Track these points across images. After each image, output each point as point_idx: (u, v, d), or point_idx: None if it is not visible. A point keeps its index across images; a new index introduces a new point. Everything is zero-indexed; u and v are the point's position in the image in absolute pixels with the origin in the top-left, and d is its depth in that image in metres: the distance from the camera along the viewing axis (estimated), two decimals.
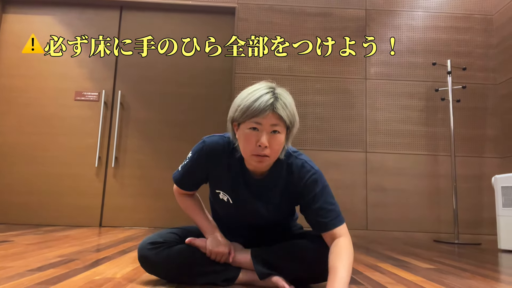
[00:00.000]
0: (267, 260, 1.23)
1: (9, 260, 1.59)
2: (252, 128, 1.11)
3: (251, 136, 1.11)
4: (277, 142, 1.12)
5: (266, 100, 1.10)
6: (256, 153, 1.12)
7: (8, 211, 3.54)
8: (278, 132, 1.12)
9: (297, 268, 1.20)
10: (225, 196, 1.26)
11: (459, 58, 3.79)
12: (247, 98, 1.13)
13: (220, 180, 1.26)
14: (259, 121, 1.10)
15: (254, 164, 1.16)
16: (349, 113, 3.72)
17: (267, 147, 1.11)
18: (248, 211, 1.26)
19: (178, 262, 1.23)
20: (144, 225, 3.59)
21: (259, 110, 1.09)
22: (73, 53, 3.73)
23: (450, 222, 3.54)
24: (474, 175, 3.64)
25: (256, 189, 1.24)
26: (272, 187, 1.24)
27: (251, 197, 1.24)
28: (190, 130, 3.75)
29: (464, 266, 1.90)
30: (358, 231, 3.53)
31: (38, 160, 3.62)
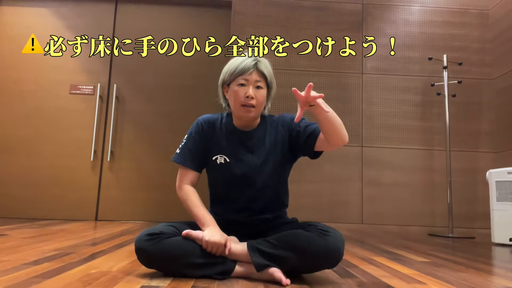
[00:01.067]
0: (264, 251, 1.24)
1: (4, 254, 1.59)
2: (241, 84, 1.37)
3: (240, 91, 1.36)
4: (261, 94, 1.38)
5: (250, 61, 1.37)
6: (244, 103, 1.36)
7: (3, 205, 3.52)
8: (261, 87, 1.39)
9: (292, 257, 1.22)
10: (222, 157, 1.41)
11: (455, 53, 3.80)
12: (235, 62, 1.39)
13: (217, 144, 1.42)
14: (246, 77, 1.36)
15: (243, 114, 1.38)
16: (345, 107, 3.72)
17: (254, 98, 1.35)
18: (243, 165, 1.39)
19: (174, 253, 1.23)
20: (140, 219, 3.59)
21: (245, 69, 1.36)
22: (73, 53, 3.68)
23: (444, 216, 3.56)
24: (469, 169, 3.66)
25: (247, 140, 1.43)
26: (261, 137, 1.43)
27: (244, 150, 1.41)
28: (186, 122, 3.72)
29: (458, 259, 1.92)
30: (354, 225, 3.55)
31: (33, 153, 3.60)
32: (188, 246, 1.26)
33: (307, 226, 1.29)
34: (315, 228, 1.26)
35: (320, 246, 1.21)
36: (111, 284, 1.14)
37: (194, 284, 1.18)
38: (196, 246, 1.26)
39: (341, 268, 1.56)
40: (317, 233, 1.24)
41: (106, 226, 3.05)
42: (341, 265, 1.62)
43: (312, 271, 1.31)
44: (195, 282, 1.21)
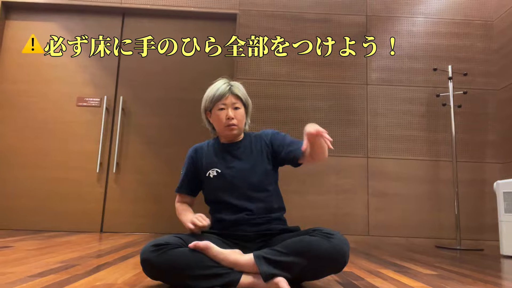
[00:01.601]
0: (270, 259, 1.25)
1: (10, 266, 1.59)
2: (220, 109, 1.56)
3: (221, 114, 1.56)
4: (240, 114, 1.58)
5: (225, 88, 1.57)
6: (226, 124, 1.55)
7: (9, 217, 3.54)
8: (238, 108, 1.58)
9: (299, 262, 1.24)
10: (214, 170, 1.56)
11: (460, 64, 3.80)
12: (211, 90, 1.59)
13: (207, 161, 1.59)
14: (224, 102, 1.56)
15: (227, 133, 1.57)
16: (350, 119, 3.72)
17: (234, 118, 1.55)
18: (235, 170, 1.54)
19: (180, 264, 1.23)
20: (145, 231, 3.59)
21: (222, 95, 1.56)
22: (73, 53, 3.74)
23: (452, 228, 3.52)
24: (476, 180, 3.63)
25: (235, 151, 1.59)
26: (247, 146, 1.60)
27: (233, 158, 1.57)
28: (191, 135, 3.76)
29: (466, 272, 1.90)
30: (359, 237, 3.51)
31: (39, 165, 3.63)
32: (195, 257, 1.25)
33: (312, 231, 1.32)
34: (320, 232, 1.30)
35: (326, 248, 1.24)
36: None
37: None
38: (203, 257, 1.26)
39: (347, 280, 1.54)
40: (322, 236, 1.28)
41: (111, 238, 3.05)
42: (347, 278, 1.60)
43: (319, 276, 1.33)
44: None
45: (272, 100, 3.71)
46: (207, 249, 1.26)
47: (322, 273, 1.32)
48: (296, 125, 3.67)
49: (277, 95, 3.72)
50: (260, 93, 3.71)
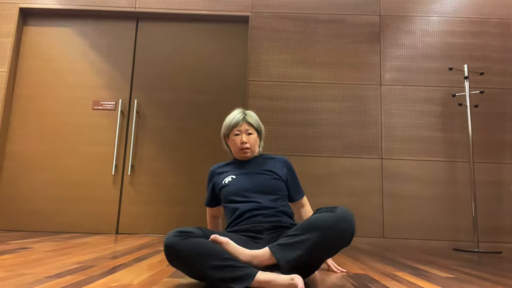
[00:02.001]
0: (284, 243, 1.32)
1: (28, 267, 1.63)
2: (236, 134, 1.84)
3: (236, 139, 1.84)
4: (252, 138, 1.85)
5: (239, 116, 1.85)
6: (241, 148, 1.83)
7: (27, 219, 3.61)
8: (251, 133, 1.85)
9: (310, 238, 1.31)
10: (229, 177, 1.79)
11: (476, 63, 3.74)
12: (229, 119, 1.88)
13: (224, 173, 1.85)
14: (239, 129, 1.84)
15: (242, 155, 1.85)
16: (364, 120, 3.69)
17: (247, 142, 1.82)
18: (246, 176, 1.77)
19: (200, 252, 1.27)
20: (160, 232, 3.62)
21: (237, 123, 1.84)
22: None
23: (469, 230, 3.46)
24: (493, 181, 3.56)
25: (248, 164, 1.86)
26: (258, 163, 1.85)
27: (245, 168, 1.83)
28: (205, 137, 3.78)
29: (484, 275, 1.86)
30: (374, 239, 3.48)
31: (56, 168, 3.70)
32: (214, 247, 1.29)
33: (317, 211, 1.46)
34: (325, 209, 1.43)
35: (332, 219, 1.35)
36: None
37: None
38: (222, 250, 1.30)
39: (362, 284, 1.53)
40: (327, 211, 1.41)
41: (126, 239, 3.09)
42: (362, 281, 1.59)
43: (330, 251, 1.37)
44: None
45: (284, 101, 3.70)
46: (226, 243, 1.32)
47: (334, 246, 1.37)
48: (309, 127, 3.66)
49: (289, 97, 3.71)
50: (272, 95, 3.71)
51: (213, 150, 3.76)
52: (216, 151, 3.75)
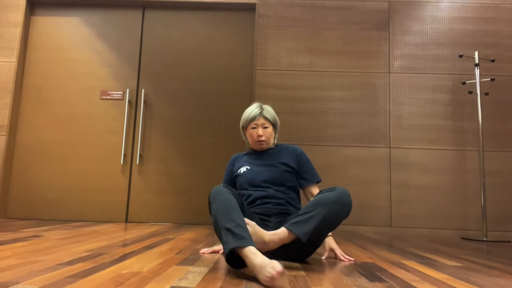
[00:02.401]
0: (298, 221, 1.56)
1: (40, 254, 1.66)
2: (253, 127, 2.00)
3: (253, 132, 2.00)
4: (268, 132, 2.00)
5: (256, 111, 1.99)
6: (257, 140, 1.99)
7: (39, 207, 3.67)
8: (267, 127, 2.00)
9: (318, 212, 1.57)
10: (245, 167, 2.00)
11: (487, 50, 3.67)
12: (246, 112, 2.03)
13: (241, 162, 2.06)
14: (255, 123, 1.99)
15: (258, 147, 2.03)
16: (372, 108, 3.66)
17: (263, 135, 1.98)
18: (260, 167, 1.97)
19: (226, 209, 1.47)
20: (168, 221, 3.66)
21: (254, 117, 1.99)
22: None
23: (478, 219, 3.44)
24: (503, 170, 3.52)
25: (264, 155, 2.04)
26: (273, 154, 2.03)
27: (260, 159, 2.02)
28: (213, 126, 3.79)
29: (493, 264, 1.85)
30: (382, 228, 3.48)
31: (66, 157, 3.74)
32: (237, 211, 1.48)
33: (320, 192, 1.70)
34: (326, 189, 1.69)
35: (334, 195, 1.62)
36: (141, 285, 1.17)
37: (222, 285, 1.19)
38: (241, 216, 1.46)
39: (369, 272, 1.53)
40: (328, 190, 1.66)
41: (136, 228, 3.13)
42: (369, 269, 1.59)
43: (336, 220, 1.61)
44: (223, 283, 1.22)
45: (291, 90, 3.68)
46: (253, 226, 1.54)
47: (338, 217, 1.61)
48: (317, 117, 3.64)
49: (296, 86, 3.69)
50: (279, 84, 3.69)
51: (221, 139, 3.76)
52: (223, 140, 3.76)
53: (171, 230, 3.02)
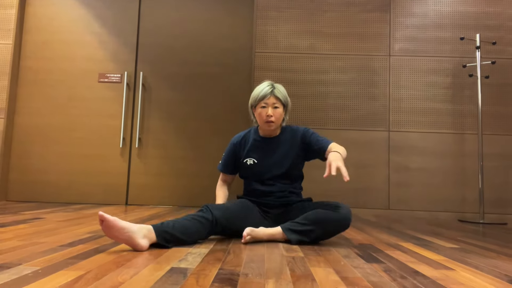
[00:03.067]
0: (295, 229, 1.69)
1: (42, 236, 1.68)
2: (262, 106, 1.89)
3: (262, 112, 1.90)
4: (278, 112, 1.89)
5: (267, 89, 1.89)
6: (266, 120, 1.88)
7: (40, 190, 3.69)
8: (278, 107, 1.89)
9: (316, 229, 1.67)
10: (251, 160, 1.93)
11: (489, 32, 3.63)
12: (257, 90, 1.92)
13: (247, 151, 1.95)
14: (265, 101, 1.88)
15: (266, 128, 1.90)
16: (372, 91, 3.65)
17: (272, 116, 1.87)
18: (267, 162, 1.91)
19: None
20: (168, 203, 3.69)
21: (264, 95, 1.88)
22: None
23: (475, 202, 3.47)
24: (502, 153, 3.53)
25: (271, 145, 1.95)
26: (281, 143, 1.94)
27: (268, 152, 1.93)
28: (212, 109, 3.78)
29: (489, 245, 1.88)
30: (380, 211, 3.51)
31: (65, 140, 3.74)
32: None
33: (324, 206, 1.75)
34: (330, 206, 1.73)
35: (335, 218, 1.69)
36: (142, 266, 1.19)
37: (222, 267, 1.21)
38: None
39: (367, 253, 1.56)
40: (332, 209, 1.71)
41: (136, 210, 3.15)
42: (367, 251, 1.62)
43: (331, 236, 1.75)
44: (222, 264, 1.24)
45: (291, 73, 3.66)
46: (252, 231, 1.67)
47: (333, 234, 1.75)
48: (316, 100, 3.62)
49: (296, 69, 3.67)
50: (279, 67, 3.66)
51: (220, 122, 3.76)
52: (223, 123, 3.75)
53: (171, 212, 3.05)
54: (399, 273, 1.21)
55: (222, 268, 1.19)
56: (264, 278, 1.09)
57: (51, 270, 1.10)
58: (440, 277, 1.17)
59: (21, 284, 0.94)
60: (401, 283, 1.08)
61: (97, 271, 1.10)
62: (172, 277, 1.07)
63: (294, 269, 1.22)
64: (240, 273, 1.14)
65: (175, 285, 0.99)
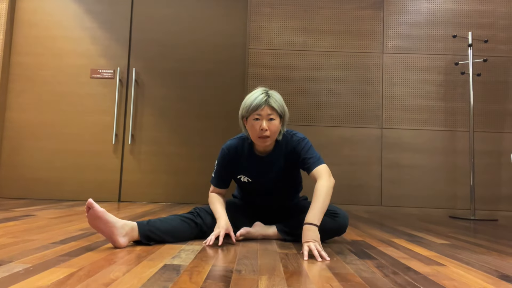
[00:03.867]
0: (289, 232, 1.70)
1: (33, 233, 1.66)
2: (255, 119, 1.59)
3: (255, 124, 1.59)
4: (273, 126, 1.59)
5: (261, 98, 1.58)
6: (260, 135, 1.59)
7: (31, 187, 3.66)
8: (273, 119, 1.59)
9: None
10: (246, 178, 1.73)
11: (481, 30, 3.66)
12: (249, 99, 1.61)
13: (240, 166, 1.73)
14: (259, 113, 1.58)
15: (260, 144, 1.63)
16: (365, 89, 3.66)
17: (267, 130, 1.57)
18: (263, 180, 1.73)
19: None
20: (161, 200, 3.67)
21: (258, 106, 1.57)
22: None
23: (466, 199, 3.51)
24: (493, 151, 3.57)
25: (266, 164, 1.71)
26: (276, 159, 1.70)
27: (263, 171, 1.71)
28: (205, 106, 3.76)
29: (480, 241, 1.90)
30: (373, 207, 3.53)
31: (57, 137, 3.71)
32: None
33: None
34: (327, 212, 1.60)
35: (332, 226, 1.65)
36: (135, 263, 1.18)
37: (215, 263, 1.21)
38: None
39: (359, 249, 1.57)
40: (329, 216, 1.63)
41: (128, 207, 3.14)
42: (360, 247, 1.63)
43: (325, 240, 1.69)
44: (215, 261, 1.24)
45: (284, 70, 3.66)
46: (247, 232, 1.68)
47: (328, 239, 1.72)
48: (310, 97, 3.63)
49: (289, 66, 3.66)
50: (272, 64, 3.66)
51: (213, 119, 3.74)
52: (216, 120, 3.74)
53: (164, 209, 3.04)
54: (391, 269, 1.22)
55: (215, 265, 1.19)
56: (257, 274, 1.09)
57: (43, 267, 1.09)
58: (432, 273, 1.18)
59: (12, 281, 0.93)
60: (393, 279, 1.09)
61: (89, 268, 1.10)
62: (165, 274, 1.07)
63: (287, 266, 1.22)
64: (233, 270, 1.14)
65: (168, 282, 0.98)
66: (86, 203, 1.37)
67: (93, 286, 0.92)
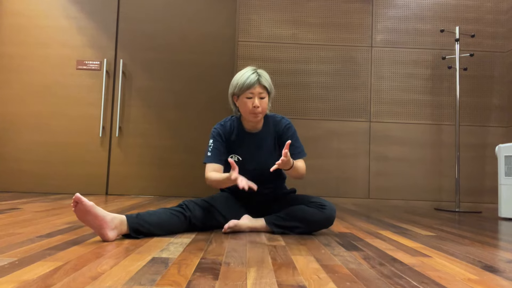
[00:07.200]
0: (279, 224, 1.72)
1: (19, 227, 1.64)
2: (248, 97, 1.72)
3: (248, 102, 1.72)
4: (264, 103, 1.74)
5: (253, 77, 1.71)
6: (252, 112, 1.72)
7: (16, 180, 3.60)
8: (264, 97, 1.74)
9: (300, 226, 1.70)
10: (236, 157, 1.81)
11: (468, 25, 3.70)
12: (240, 78, 1.73)
13: (231, 146, 1.81)
14: (252, 91, 1.71)
15: (252, 119, 1.75)
16: (354, 82, 3.68)
17: (259, 106, 1.71)
18: (253, 161, 1.79)
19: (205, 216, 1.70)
20: (149, 193, 3.66)
21: (250, 84, 1.70)
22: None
23: (451, 191, 3.57)
24: (478, 144, 3.63)
25: (255, 139, 1.82)
26: (265, 136, 1.83)
27: (253, 147, 1.81)
28: (193, 98, 3.74)
29: (464, 233, 1.94)
30: (360, 200, 3.57)
31: (42, 129, 3.65)
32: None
33: (309, 203, 1.72)
34: (315, 204, 1.71)
35: (320, 217, 1.70)
36: (122, 256, 1.18)
37: (203, 256, 1.21)
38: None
39: (346, 241, 1.58)
40: (317, 208, 1.70)
41: (116, 200, 3.11)
42: (347, 239, 1.64)
43: (313, 232, 1.76)
44: (204, 254, 1.24)
45: (274, 63, 3.65)
46: (236, 225, 1.68)
47: (316, 230, 1.77)
48: (298, 90, 3.63)
49: (279, 58, 3.66)
50: (262, 56, 3.65)
51: (201, 112, 3.73)
52: (204, 112, 3.72)
53: (152, 202, 3.02)
54: (377, 260, 1.24)
55: (204, 258, 1.20)
56: (246, 266, 1.10)
57: (29, 261, 1.07)
58: (417, 264, 1.20)
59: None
60: (379, 270, 1.11)
61: (76, 261, 1.09)
62: (153, 267, 1.06)
63: (276, 258, 1.23)
64: (222, 262, 1.14)
65: (156, 275, 0.98)
66: (73, 198, 1.34)
67: (80, 280, 0.91)
